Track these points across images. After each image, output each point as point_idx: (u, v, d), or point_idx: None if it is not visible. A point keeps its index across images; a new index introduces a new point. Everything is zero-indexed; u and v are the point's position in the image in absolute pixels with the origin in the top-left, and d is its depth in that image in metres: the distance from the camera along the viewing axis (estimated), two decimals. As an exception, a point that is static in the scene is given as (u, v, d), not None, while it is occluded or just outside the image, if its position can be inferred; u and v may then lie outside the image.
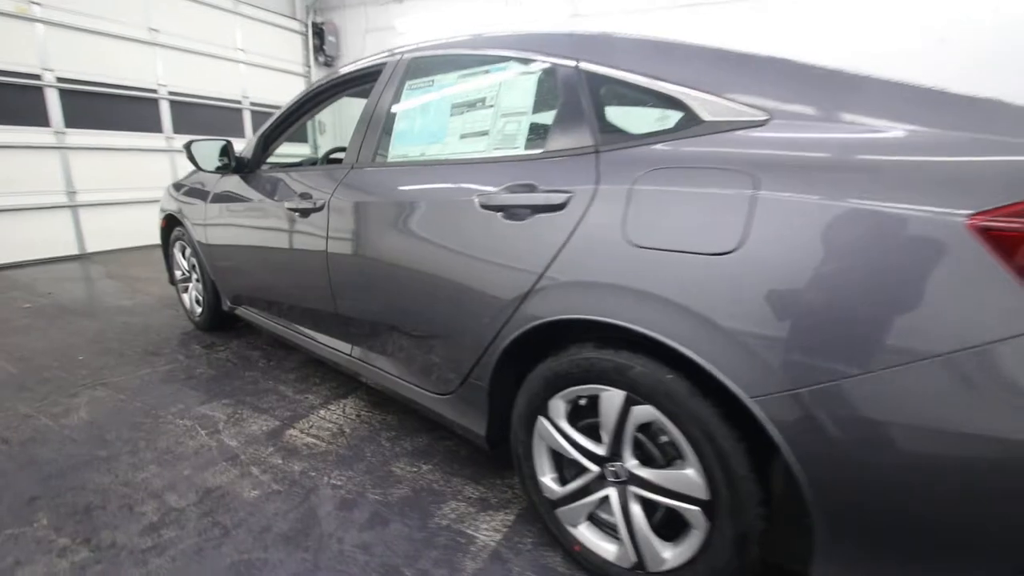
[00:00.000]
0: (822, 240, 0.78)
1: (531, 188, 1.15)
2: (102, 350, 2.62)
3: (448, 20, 6.33)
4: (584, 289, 1.04)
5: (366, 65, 1.82)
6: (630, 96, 1.13)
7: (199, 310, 2.87)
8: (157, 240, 3.02)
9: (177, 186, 2.85)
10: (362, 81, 1.86)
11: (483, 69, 1.41)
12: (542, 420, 1.18)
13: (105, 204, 5.10)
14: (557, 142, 1.17)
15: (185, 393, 2.15)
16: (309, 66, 7.21)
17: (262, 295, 2.30)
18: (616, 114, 1.15)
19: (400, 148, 1.59)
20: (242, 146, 2.34)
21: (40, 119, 4.56)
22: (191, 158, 2.25)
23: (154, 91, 5.37)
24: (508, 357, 1.23)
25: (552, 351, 1.15)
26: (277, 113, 2.19)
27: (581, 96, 1.16)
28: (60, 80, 4.61)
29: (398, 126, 1.61)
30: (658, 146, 1.02)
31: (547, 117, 1.22)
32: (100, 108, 4.95)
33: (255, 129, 6.93)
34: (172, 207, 2.80)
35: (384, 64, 1.72)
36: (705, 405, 0.91)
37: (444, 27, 6.23)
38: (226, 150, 2.21)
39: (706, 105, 1.00)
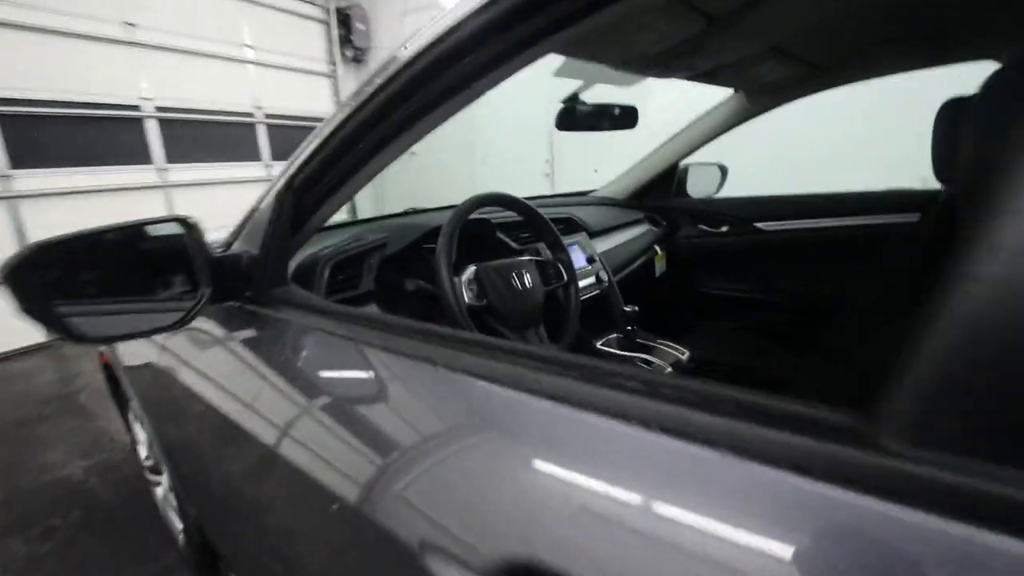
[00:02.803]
0: None
1: None
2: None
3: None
4: None
5: None
6: None
7: (181, 530, 1.41)
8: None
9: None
10: None
11: None
12: None
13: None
14: None
15: None
16: (335, 63, 5.75)
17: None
18: None
19: None
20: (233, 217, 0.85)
21: None
22: (43, 319, 0.64)
23: (136, 107, 3.97)
24: None
25: None
26: (322, 128, 0.70)
27: None
28: None
29: None
30: None
31: None
32: (55, 136, 3.57)
33: (273, 148, 5.58)
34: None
35: None
36: None
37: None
38: (172, 243, 0.73)
39: None
